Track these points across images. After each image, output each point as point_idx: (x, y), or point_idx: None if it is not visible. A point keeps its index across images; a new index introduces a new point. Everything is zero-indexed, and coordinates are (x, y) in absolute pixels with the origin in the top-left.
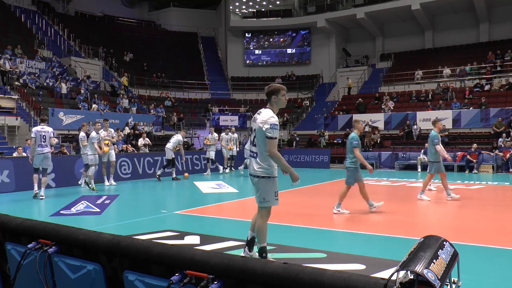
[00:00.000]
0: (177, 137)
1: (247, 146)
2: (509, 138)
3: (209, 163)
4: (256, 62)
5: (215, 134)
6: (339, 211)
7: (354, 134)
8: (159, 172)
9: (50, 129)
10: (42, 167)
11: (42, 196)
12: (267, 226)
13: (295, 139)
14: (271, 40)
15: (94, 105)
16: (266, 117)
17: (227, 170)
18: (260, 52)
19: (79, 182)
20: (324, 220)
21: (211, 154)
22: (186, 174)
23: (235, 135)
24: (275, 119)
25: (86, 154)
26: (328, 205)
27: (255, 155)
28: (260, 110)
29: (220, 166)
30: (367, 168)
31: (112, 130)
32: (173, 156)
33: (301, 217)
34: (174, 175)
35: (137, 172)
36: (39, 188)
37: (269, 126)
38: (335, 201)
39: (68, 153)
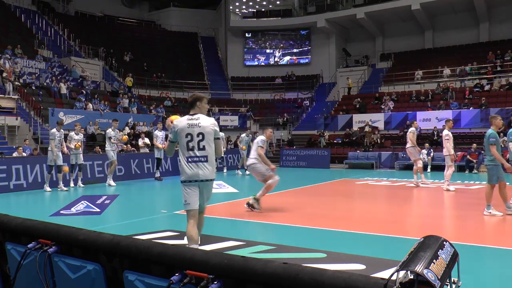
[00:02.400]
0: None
1: (191, 152)
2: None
3: None
4: (256, 62)
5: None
6: (490, 212)
7: (491, 131)
8: (157, 174)
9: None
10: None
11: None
12: None
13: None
14: (271, 40)
15: (89, 104)
16: (212, 121)
17: (240, 172)
18: (260, 52)
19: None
20: (324, 220)
21: None
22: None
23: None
24: None
25: (81, 154)
26: (328, 205)
27: (204, 159)
28: (197, 116)
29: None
30: (505, 166)
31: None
32: (159, 156)
33: (301, 217)
34: (158, 175)
35: (136, 172)
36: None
37: (218, 129)
38: (335, 201)
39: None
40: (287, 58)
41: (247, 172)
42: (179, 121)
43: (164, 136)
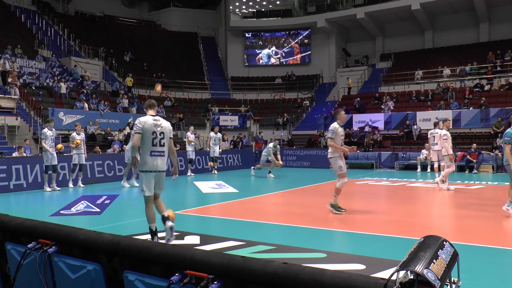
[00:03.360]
0: None
1: (154, 147)
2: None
3: (190, 164)
4: (256, 62)
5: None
6: (508, 209)
7: (510, 130)
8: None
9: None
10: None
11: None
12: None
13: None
14: (271, 40)
15: (85, 104)
16: (169, 123)
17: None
18: (260, 52)
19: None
20: (324, 220)
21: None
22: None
23: (219, 135)
24: None
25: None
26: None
27: (163, 154)
28: (158, 118)
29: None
30: None
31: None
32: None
33: (301, 217)
34: None
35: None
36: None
37: (172, 130)
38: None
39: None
40: (287, 58)
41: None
42: (146, 119)
43: None
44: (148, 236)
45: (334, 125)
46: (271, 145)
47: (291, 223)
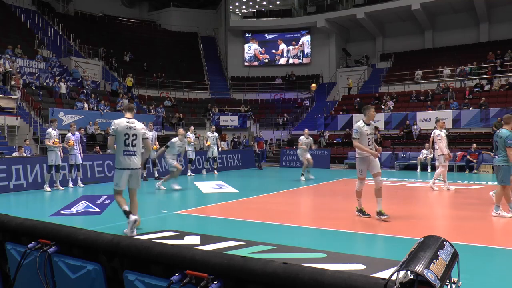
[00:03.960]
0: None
1: (127, 147)
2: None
3: (190, 164)
4: (256, 62)
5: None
6: (499, 214)
7: (506, 131)
8: (156, 174)
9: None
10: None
11: None
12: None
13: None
14: (271, 40)
15: (85, 104)
16: (142, 125)
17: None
18: (260, 52)
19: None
20: (324, 220)
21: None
22: None
23: (215, 134)
24: None
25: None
26: (328, 205)
27: (135, 153)
28: (132, 120)
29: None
30: None
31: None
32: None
33: (301, 217)
34: (145, 175)
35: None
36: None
37: (146, 131)
38: (335, 201)
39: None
40: (287, 58)
41: (304, 177)
42: (119, 122)
43: (155, 136)
44: (148, 236)
45: (359, 124)
46: (303, 138)
47: (291, 223)
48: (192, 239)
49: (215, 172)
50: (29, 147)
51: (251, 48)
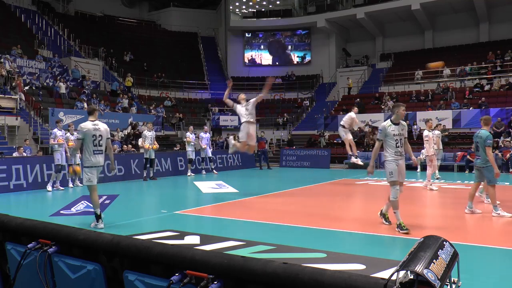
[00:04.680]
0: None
1: (95, 147)
2: (510, 138)
3: (190, 164)
4: (256, 62)
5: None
6: (498, 214)
7: (488, 133)
8: (151, 174)
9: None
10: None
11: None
12: None
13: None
14: (271, 40)
15: (85, 104)
16: (106, 126)
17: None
18: (260, 52)
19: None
20: (324, 220)
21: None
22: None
23: (208, 134)
24: None
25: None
26: (328, 205)
27: (102, 152)
28: (97, 123)
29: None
30: (496, 171)
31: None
32: (147, 156)
33: (301, 217)
34: (145, 175)
35: (136, 172)
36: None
37: (109, 131)
38: (335, 201)
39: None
40: (287, 58)
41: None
42: (86, 125)
43: (153, 136)
44: (148, 236)
45: (384, 123)
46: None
47: (291, 223)
48: (192, 239)
49: (215, 172)
50: (29, 147)
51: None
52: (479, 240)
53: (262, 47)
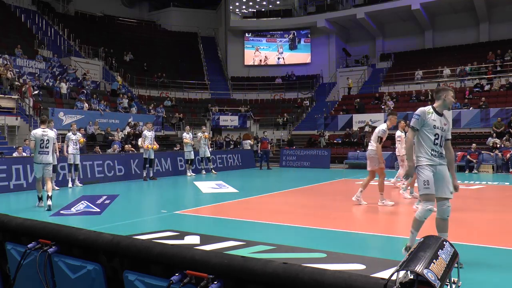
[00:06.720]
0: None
1: (42, 149)
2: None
3: (190, 164)
4: (256, 62)
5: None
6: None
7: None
8: (151, 174)
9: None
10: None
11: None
12: None
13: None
14: (271, 40)
15: (85, 104)
16: (54, 133)
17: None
18: (260, 51)
19: None
20: (324, 220)
21: (189, 155)
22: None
23: (206, 133)
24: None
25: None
26: (328, 205)
27: (47, 153)
28: (46, 130)
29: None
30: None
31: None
32: (146, 156)
33: (301, 217)
34: (145, 175)
35: (136, 172)
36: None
37: (55, 137)
38: (335, 201)
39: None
40: (287, 58)
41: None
42: (36, 132)
43: (153, 136)
44: (148, 236)
45: (425, 108)
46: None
47: (291, 223)
48: (192, 239)
49: (213, 171)
50: (28, 147)
51: (251, 49)
52: (479, 240)
53: (262, 47)
